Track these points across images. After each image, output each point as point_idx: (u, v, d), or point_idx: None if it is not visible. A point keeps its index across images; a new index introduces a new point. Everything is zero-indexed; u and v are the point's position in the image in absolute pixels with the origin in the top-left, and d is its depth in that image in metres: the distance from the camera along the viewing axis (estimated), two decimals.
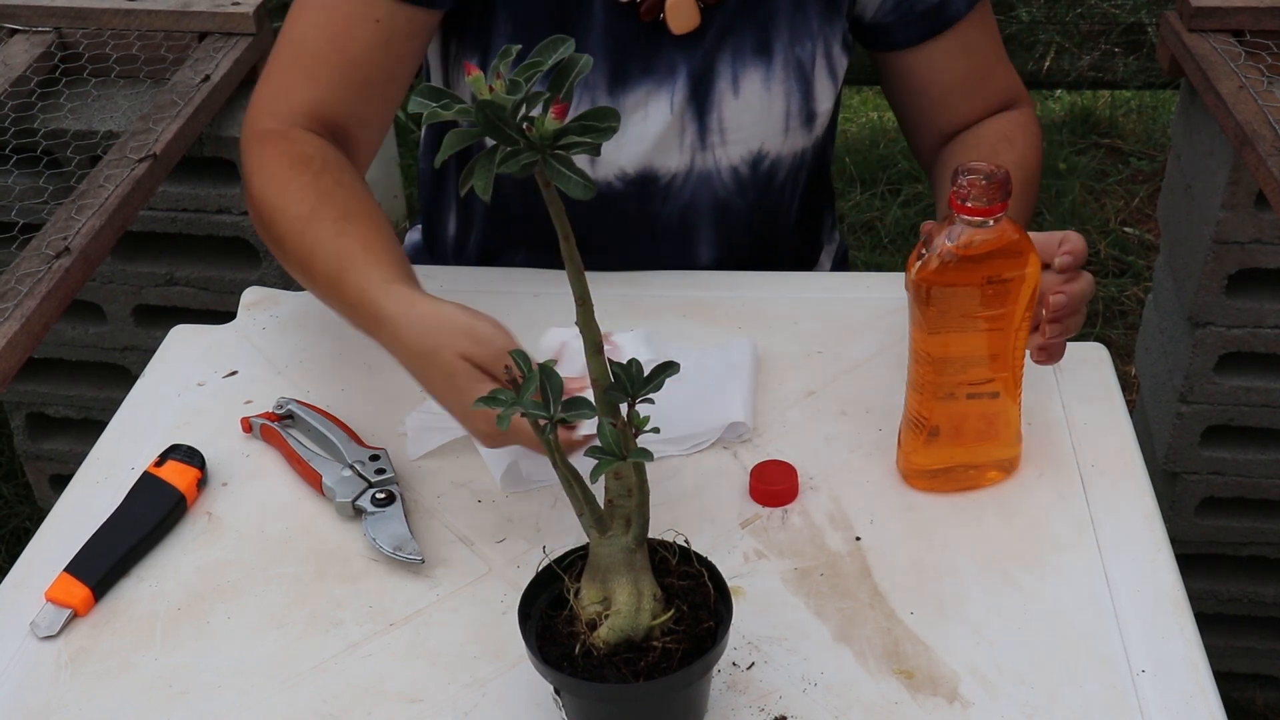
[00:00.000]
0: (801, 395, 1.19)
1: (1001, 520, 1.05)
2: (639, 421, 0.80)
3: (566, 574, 0.87)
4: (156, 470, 1.08)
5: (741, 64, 1.26)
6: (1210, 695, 0.90)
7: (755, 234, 1.39)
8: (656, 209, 1.33)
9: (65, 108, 1.73)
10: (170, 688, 0.94)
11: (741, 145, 1.30)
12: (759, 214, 1.37)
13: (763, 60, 1.26)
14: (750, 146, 1.30)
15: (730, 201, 1.34)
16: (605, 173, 1.29)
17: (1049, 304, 1.04)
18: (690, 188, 1.32)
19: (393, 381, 1.21)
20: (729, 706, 0.90)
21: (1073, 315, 1.06)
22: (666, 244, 1.35)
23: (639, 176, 1.30)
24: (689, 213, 1.34)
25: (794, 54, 1.26)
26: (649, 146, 1.28)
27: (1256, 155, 1.40)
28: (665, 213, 1.33)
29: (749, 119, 1.28)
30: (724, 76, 1.26)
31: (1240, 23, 1.62)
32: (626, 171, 1.29)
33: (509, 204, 1.36)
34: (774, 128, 1.30)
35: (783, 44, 1.26)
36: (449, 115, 0.71)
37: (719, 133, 1.29)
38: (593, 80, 1.24)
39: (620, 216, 1.32)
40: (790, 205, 1.39)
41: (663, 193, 1.31)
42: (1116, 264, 2.79)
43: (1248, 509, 1.80)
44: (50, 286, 1.32)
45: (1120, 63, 2.99)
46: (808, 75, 1.28)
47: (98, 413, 1.97)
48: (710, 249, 1.37)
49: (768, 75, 1.27)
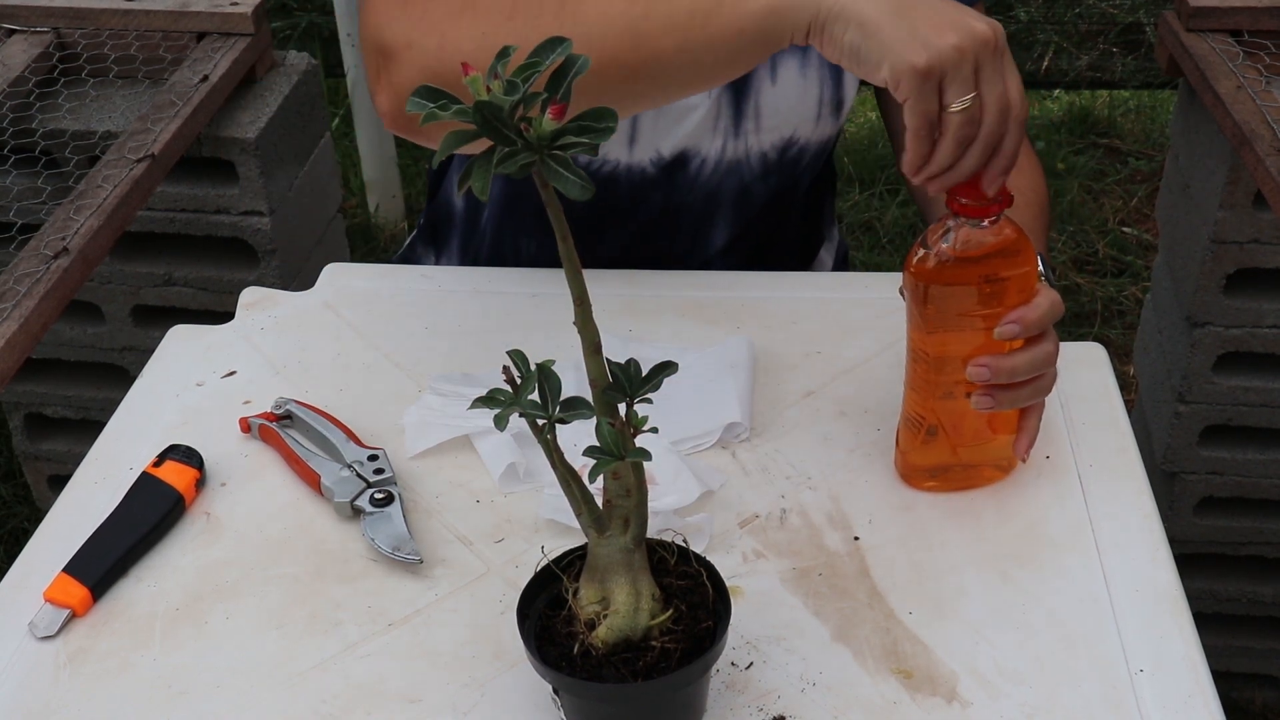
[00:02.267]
0: (800, 395, 1.19)
1: (1000, 520, 1.05)
2: (637, 421, 0.80)
3: (565, 574, 0.87)
4: (155, 470, 1.08)
5: (780, 51, 1.26)
6: (1209, 695, 0.90)
7: (769, 218, 1.40)
8: (682, 196, 1.34)
9: (63, 108, 1.73)
10: (169, 688, 0.94)
11: (775, 132, 1.31)
12: (775, 198, 1.38)
13: (799, 47, 1.26)
14: (783, 134, 1.31)
15: (753, 186, 1.35)
16: (641, 156, 1.29)
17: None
18: (720, 176, 1.33)
19: (391, 381, 1.21)
20: (727, 706, 0.90)
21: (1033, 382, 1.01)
22: (686, 231, 1.36)
23: (674, 160, 1.30)
24: (713, 199, 1.35)
25: None
26: (688, 129, 1.28)
27: (1255, 155, 1.41)
28: (690, 200, 1.34)
29: (785, 106, 1.29)
30: (763, 64, 1.26)
31: (1238, 23, 1.62)
32: (662, 155, 1.30)
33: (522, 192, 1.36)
34: (807, 115, 1.30)
35: None
36: (447, 116, 0.71)
37: (754, 119, 1.29)
38: None
39: (648, 204, 1.33)
40: (803, 189, 1.40)
41: (691, 181, 1.32)
42: (1115, 264, 2.80)
43: (1246, 509, 1.80)
44: (48, 287, 1.32)
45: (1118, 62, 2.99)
46: None
47: (96, 413, 1.97)
48: (726, 232, 1.38)
49: (804, 63, 1.28)
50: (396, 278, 1.35)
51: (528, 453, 1.10)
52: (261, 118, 1.73)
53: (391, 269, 1.38)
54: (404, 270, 1.39)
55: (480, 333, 1.26)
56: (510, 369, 0.79)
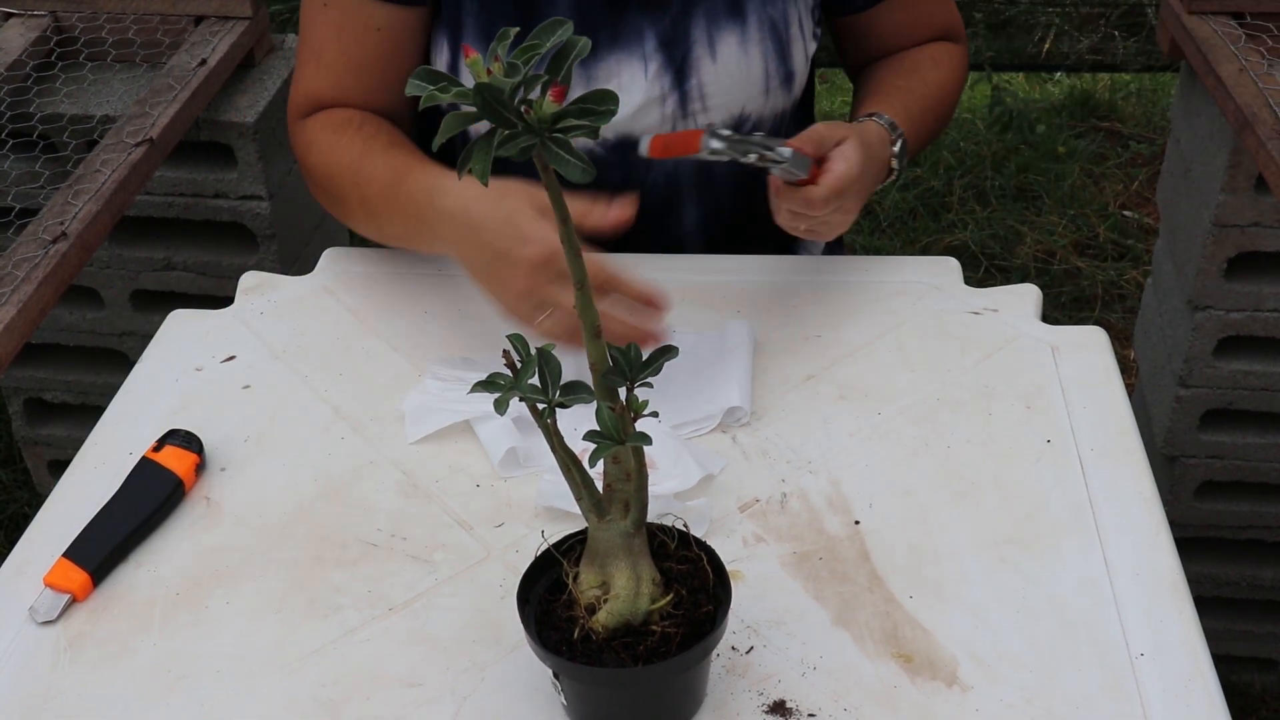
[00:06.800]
0: (800, 379, 1.18)
1: (1001, 504, 1.05)
2: (637, 406, 0.80)
3: (565, 559, 0.87)
4: (155, 455, 1.08)
5: (716, 27, 1.27)
6: (1209, 678, 0.90)
7: (738, 198, 1.40)
8: (640, 176, 1.34)
9: (61, 92, 1.72)
10: (169, 673, 0.94)
11: (723, 109, 1.31)
12: (741, 177, 1.37)
13: (736, 22, 1.27)
14: (731, 110, 1.31)
15: (713, 165, 1.34)
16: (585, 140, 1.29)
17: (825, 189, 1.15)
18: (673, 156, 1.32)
19: (390, 366, 1.21)
20: (728, 690, 0.90)
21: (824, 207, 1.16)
22: (651, 211, 1.36)
23: (619, 143, 1.30)
24: (673, 180, 1.35)
25: (767, 14, 1.28)
26: (627, 115, 1.28)
27: (1256, 138, 1.40)
28: (649, 180, 1.34)
29: (729, 82, 1.29)
30: (700, 42, 1.27)
31: (1240, 5, 1.61)
32: (606, 138, 1.30)
33: None
34: (754, 89, 1.31)
35: (755, 5, 1.28)
36: (447, 98, 0.71)
37: (700, 99, 1.29)
38: None
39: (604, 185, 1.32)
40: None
41: (646, 162, 1.32)
42: (1115, 248, 2.79)
43: (1246, 492, 1.80)
44: (47, 272, 1.32)
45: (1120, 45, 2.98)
46: (782, 35, 1.30)
47: (96, 398, 1.96)
48: (695, 212, 1.38)
49: (743, 37, 1.28)
50: (396, 262, 1.35)
51: (527, 437, 1.10)
52: (260, 101, 1.73)
53: (391, 253, 1.37)
54: (403, 255, 1.38)
55: (480, 317, 1.25)
56: (510, 353, 0.79)
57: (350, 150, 1.26)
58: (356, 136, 1.27)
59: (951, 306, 1.26)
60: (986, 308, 1.26)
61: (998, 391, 1.16)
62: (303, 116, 1.32)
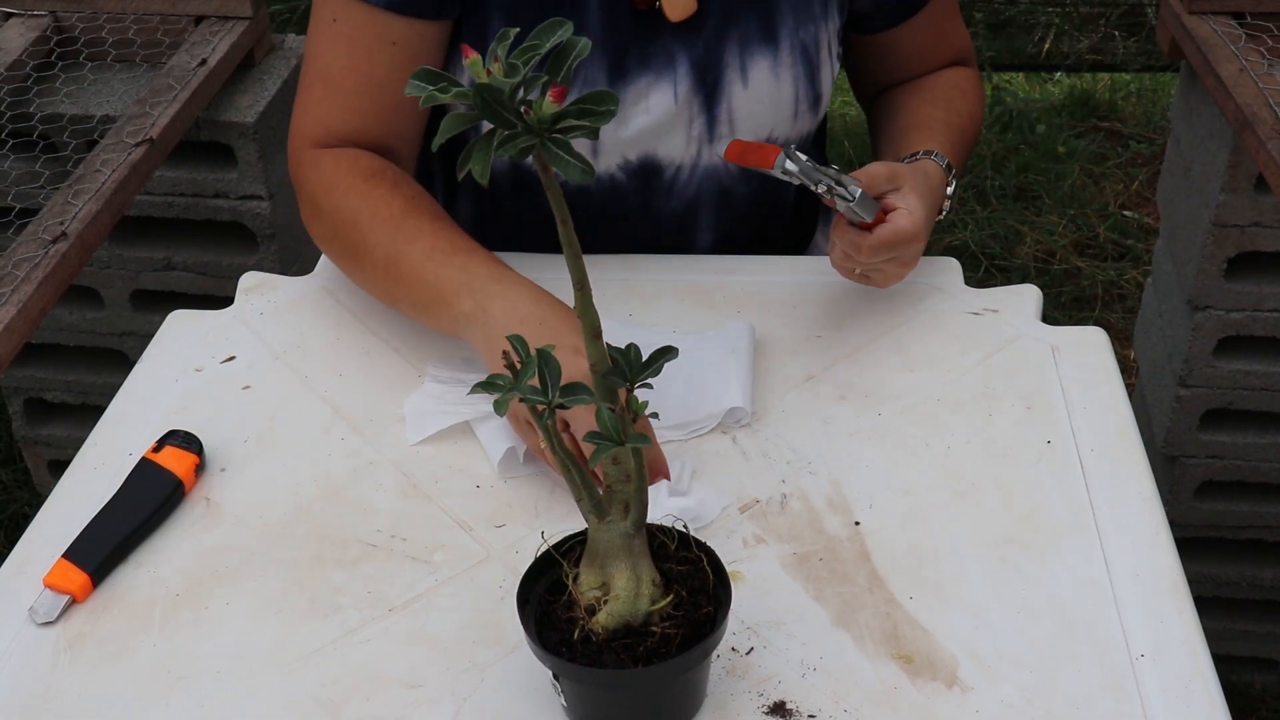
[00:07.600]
0: (801, 379, 1.18)
1: (1001, 504, 1.05)
2: (637, 406, 0.80)
3: (565, 559, 0.87)
4: (154, 456, 1.08)
5: (749, 52, 1.25)
6: (1209, 678, 0.90)
7: (754, 219, 1.38)
8: (660, 204, 1.32)
9: (61, 92, 1.72)
10: (169, 673, 0.94)
11: (750, 134, 1.29)
12: (760, 198, 1.37)
13: (769, 47, 1.25)
14: (759, 134, 1.29)
15: (734, 189, 1.34)
16: (608, 163, 1.28)
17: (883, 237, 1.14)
18: (696, 182, 1.31)
19: (390, 366, 1.21)
20: (728, 692, 0.90)
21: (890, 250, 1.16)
22: (667, 234, 1.35)
23: (641, 166, 1.29)
24: (693, 205, 1.34)
25: (799, 39, 1.26)
26: (652, 136, 1.27)
27: (1256, 138, 1.40)
28: (669, 207, 1.33)
29: (759, 108, 1.28)
30: (732, 66, 1.25)
31: (1240, 5, 1.61)
32: (629, 160, 1.28)
33: (501, 202, 1.36)
34: (783, 114, 1.29)
35: (788, 29, 1.25)
36: (447, 98, 0.71)
37: (728, 123, 1.28)
38: (591, 75, 1.23)
39: (624, 209, 1.32)
40: (790, 187, 1.39)
41: (667, 186, 1.31)
42: (1115, 247, 2.79)
43: (1247, 492, 1.80)
44: (47, 272, 1.32)
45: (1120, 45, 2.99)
46: (813, 59, 1.28)
47: (96, 398, 1.96)
48: (709, 237, 1.37)
49: (775, 62, 1.26)
50: None
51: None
52: (260, 101, 1.73)
53: None
54: None
55: None
56: (510, 354, 0.79)
57: (391, 206, 1.19)
58: (396, 194, 1.20)
59: (952, 307, 1.26)
60: (986, 308, 1.26)
61: (998, 392, 1.16)
62: (312, 145, 1.25)
